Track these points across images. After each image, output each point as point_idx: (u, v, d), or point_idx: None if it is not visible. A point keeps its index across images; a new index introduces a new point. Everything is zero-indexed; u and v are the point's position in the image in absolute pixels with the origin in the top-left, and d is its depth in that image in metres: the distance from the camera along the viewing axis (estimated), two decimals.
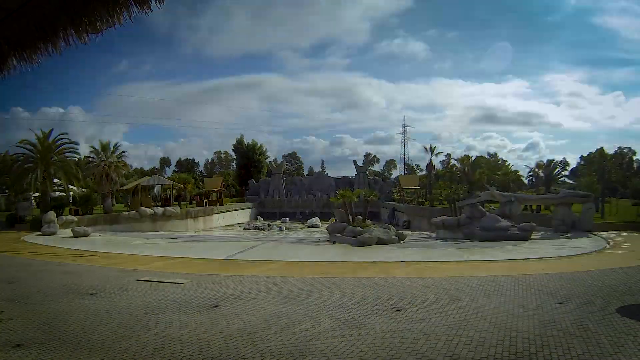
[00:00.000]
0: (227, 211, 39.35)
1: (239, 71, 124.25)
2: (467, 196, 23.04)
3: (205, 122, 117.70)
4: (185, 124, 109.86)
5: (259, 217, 41.39)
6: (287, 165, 70.31)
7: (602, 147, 38.71)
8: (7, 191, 32.28)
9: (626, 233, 17.28)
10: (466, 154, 40.72)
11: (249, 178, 52.87)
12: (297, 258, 12.91)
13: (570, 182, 37.22)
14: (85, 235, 19.57)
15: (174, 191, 36.95)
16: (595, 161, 32.65)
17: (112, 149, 31.24)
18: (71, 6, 3.48)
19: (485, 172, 35.68)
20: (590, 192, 21.08)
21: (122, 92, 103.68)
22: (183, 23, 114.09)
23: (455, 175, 39.31)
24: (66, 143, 27.70)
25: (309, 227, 34.35)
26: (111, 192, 30.63)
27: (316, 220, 34.53)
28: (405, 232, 18.10)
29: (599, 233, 17.12)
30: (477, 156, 42.75)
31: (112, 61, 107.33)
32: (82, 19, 3.58)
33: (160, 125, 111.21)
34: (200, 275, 9.70)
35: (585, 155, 45.28)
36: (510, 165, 41.39)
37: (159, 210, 28.70)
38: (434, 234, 20.09)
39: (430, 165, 44.83)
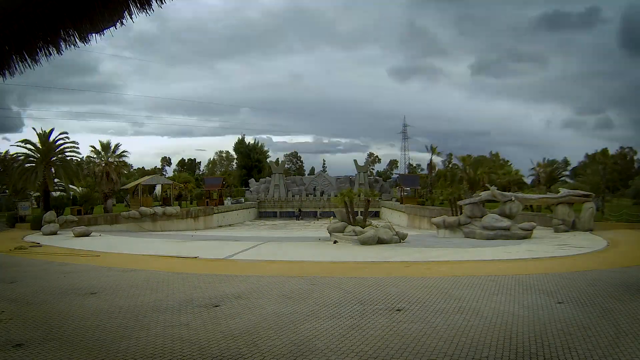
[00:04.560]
0: (227, 211, 39.37)
1: None
2: (467, 195, 23.04)
3: None
4: None
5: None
6: (288, 164, 70.29)
7: (605, 148, 38.73)
8: (7, 191, 32.28)
9: (626, 232, 17.26)
10: (468, 153, 40.54)
11: (250, 178, 52.88)
12: (298, 257, 12.91)
13: (571, 181, 37.15)
14: (86, 235, 19.59)
15: (174, 191, 36.99)
16: (598, 160, 32.60)
17: (112, 148, 31.31)
18: (71, 6, 3.48)
19: (486, 171, 35.61)
20: (594, 191, 21.07)
21: None
22: None
23: (456, 174, 39.26)
24: (67, 143, 27.74)
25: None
26: (112, 192, 30.68)
27: None
28: (405, 232, 18.08)
29: (600, 232, 17.11)
30: (478, 156, 42.57)
31: None
32: (83, 19, 3.58)
33: None
34: (200, 274, 9.70)
35: (589, 154, 45.24)
36: (512, 164, 41.24)
37: (159, 209, 28.73)
38: (434, 233, 20.10)
39: (431, 165, 44.79)
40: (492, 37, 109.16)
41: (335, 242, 16.56)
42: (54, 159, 26.79)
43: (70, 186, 28.48)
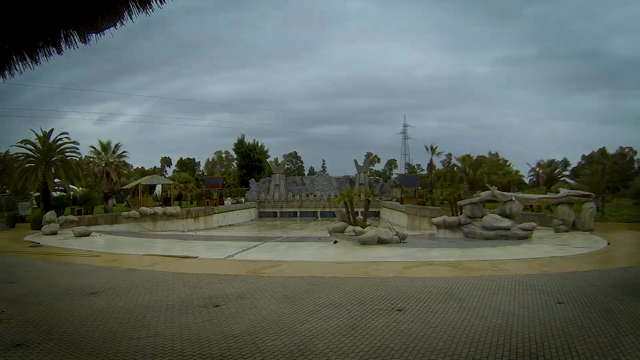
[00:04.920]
0: (227, 211, 39.40)
1: None
2: (467, 196, 23.04)
3: None
4: None
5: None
6: (287, 164, 70.31)
7: (604, 147, 38.69)
8: (7, 191, 32.29)
9: (626, 232, 17.26)
10: (467, 153, 40.51)
11: (250, 178, 52.87)
12: (298, 258, 12.91)
13: (571, 181, 37.14)
14: (86, 235, 19.58)
15: (174, 191, 36.99)
16: (597, 161, 32.59)
17: (112, 148, 31.32)
18: (71, 6, 3.48)
19: (486, 171, 35.62)
20: (594, 191, 21.06)
21: None
22: None
23: (456, 174, 39.25)
24: (67, 143, 27.74)
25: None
26: (112, 192, 30.69)
27: None
28: (405, 232, 18.09)
29: (600, 233, 17.10)
30: (478, 156, 42.57)
31: None
32: (83, 19, 3.58)
33: None
34: (200, 274, 9.70)
35: (586, 154, 45.26)
36: (512, 164, 41.27)
37: (159, 209, 28.74)
38: (434, 233, 20.09)
39: (430, 165, 44.77)
40: None
41: (335, 242, 16.56)
42: (54, 159, 26.78)
43: (70, 186, 28.46)
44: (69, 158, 27.77)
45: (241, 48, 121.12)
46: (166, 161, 79.79)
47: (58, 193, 29.41)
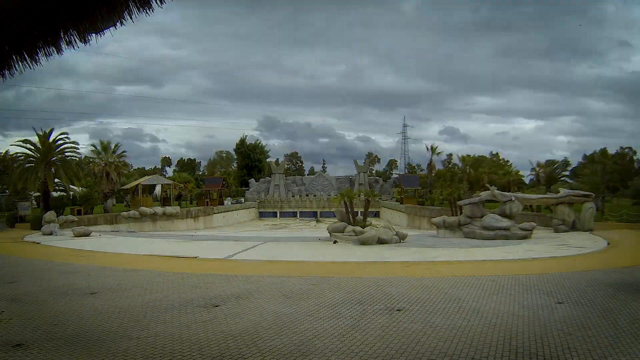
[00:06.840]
0: (227, 211, 39.41)
1: None
2: (467, 196, 23.05)
3: None
4: None
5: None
6: (287, 164, 70.34)
7: (604, 148, 38.79)
8: (7, 191, 32.30)
9: (626, 232, 17.26)
10: (467, 153, 40.59)
11: (250, 178, 52.88)
12: (298, 257, 12.91)
13: (571, 181, 37.19)
14: (86, 235, 19.58)
15: (174, 191, 37.01)
16: (597, 161, 32.63)
17: (112, 148, 31.35)
18: (71, 6, 3.48)
19: (486, 171, 35.64)
20: (594, 191, 21.09)
21: None
22: None
23: (456, 174, 39.27)
24: (67, 143, 27.75)
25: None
26: (112, 192, 30.71)
27: None
28: (405, 232, 18.09)
29: (600, 233, 17.11)
30: (478, 156, 42.60)
31: None
32: (82, 19, 3.58)
33: None
34: (200, 274, 9.70)
35: (587, 154, 45.38)
36: (512, 165, 41.34)
37: (159, 209, 28.76)
38: (434, 233, 20.09)
39: (430, 165, 44.75)
40: None
41: (335, 242, 16.56)
42: (54, 159, 26.79)
43: (70, 186, 28.48)
44: (68, 158, 27.78)
45: None
46: (166, 161, 79.86)
47: (58, 193, 29.42)
